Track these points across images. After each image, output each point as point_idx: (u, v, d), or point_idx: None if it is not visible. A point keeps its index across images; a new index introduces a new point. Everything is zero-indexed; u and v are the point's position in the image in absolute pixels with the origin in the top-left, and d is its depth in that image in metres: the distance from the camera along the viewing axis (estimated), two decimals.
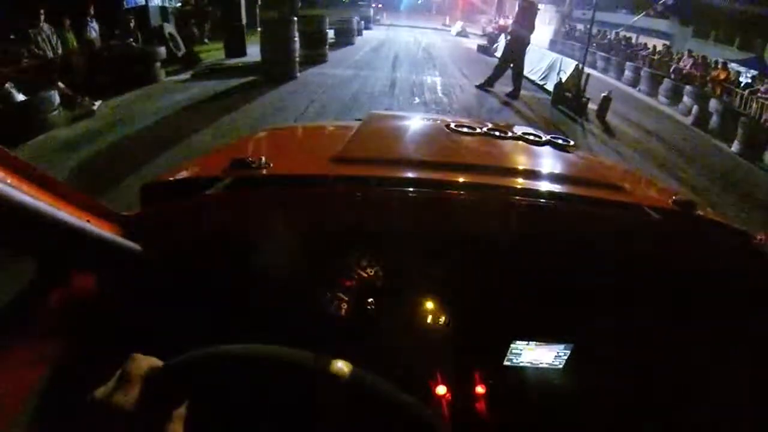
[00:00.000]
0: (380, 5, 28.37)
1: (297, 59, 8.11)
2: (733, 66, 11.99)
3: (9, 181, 0.47)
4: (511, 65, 8.03)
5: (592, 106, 7.63)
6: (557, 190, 0.96)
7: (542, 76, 9.73)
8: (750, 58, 14.15)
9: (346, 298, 0.83)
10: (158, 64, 7.48)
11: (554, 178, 1.05)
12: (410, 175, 0.94)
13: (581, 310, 0.90)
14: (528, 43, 8.03)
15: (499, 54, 12.93)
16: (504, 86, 8.24)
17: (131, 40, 7.96)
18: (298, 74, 8.16)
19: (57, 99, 5.12)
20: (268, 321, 0.77)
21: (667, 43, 16.54)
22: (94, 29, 7.56)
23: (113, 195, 3.49)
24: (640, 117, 8.09)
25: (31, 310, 0.58)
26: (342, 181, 0.90)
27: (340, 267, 0.84)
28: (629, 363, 0.91)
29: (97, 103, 5.75)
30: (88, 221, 0.58)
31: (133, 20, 8.68)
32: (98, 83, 6.14)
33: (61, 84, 5.42)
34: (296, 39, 7.91)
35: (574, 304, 0.89)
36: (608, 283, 0.87)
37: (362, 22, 17.01)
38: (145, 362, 0.42)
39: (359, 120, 1.48)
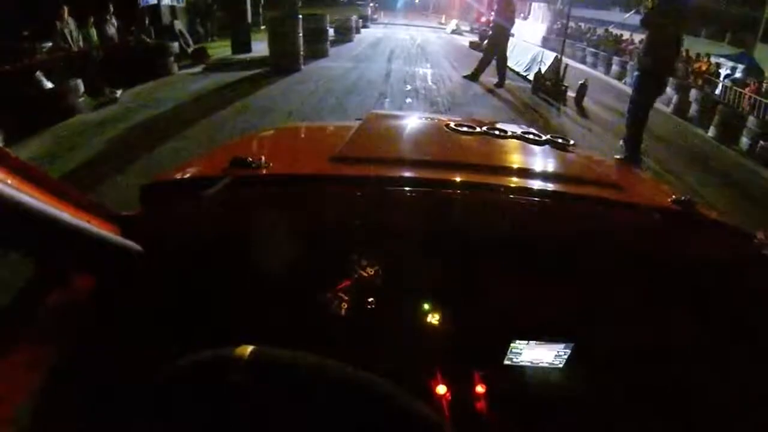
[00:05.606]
0: (376, 5, 27.97)
1: (302, 53, 8.78)
2: (721, 60, 12.39)
3: (9, 181, 0.46)
4: (495, 57, 8.49)
5: (571, 94, 8.05)
6: (557, 189, 0.95)
7: (526, 68, 10.20)
8: (739, 54, 14.52)
9: (346, 298, 0.83)
10: (171, 58, 8.12)
11: (554, 177, 1.03)
12: (409, 174, 0.93)
13: (581, 310, 0.88)
14: (509, 34, 8.59)
15: None
16: (490, 77, 8.70)
17: (145, 36, 8.54)
18: (303, 67, 8.83)
19: (82, 87, 5.63)
20: (268, 320, 0.76)
21: None
22: (113, 26, 8.10)
23: (146, 161, 4.05)
24: (619, 104, 8.06)
25: (31, 311, 0.57)
26: (341, 181, 0.90)
27: (340, 266, 0.84)
28: (629, 362, 0.89)
29: (119, 92, 6.26)
30: (87, 221, 0.57)
31: (147, 17, 9.45)
32: (117, 75, 6.64)
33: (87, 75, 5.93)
34: (301, 34, 8.55)
35: (574, 304, 0.87)
36: (608, 282, 0.85)
37: (360, 20, 17.65)
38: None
39: (359, 120, 1.46)
